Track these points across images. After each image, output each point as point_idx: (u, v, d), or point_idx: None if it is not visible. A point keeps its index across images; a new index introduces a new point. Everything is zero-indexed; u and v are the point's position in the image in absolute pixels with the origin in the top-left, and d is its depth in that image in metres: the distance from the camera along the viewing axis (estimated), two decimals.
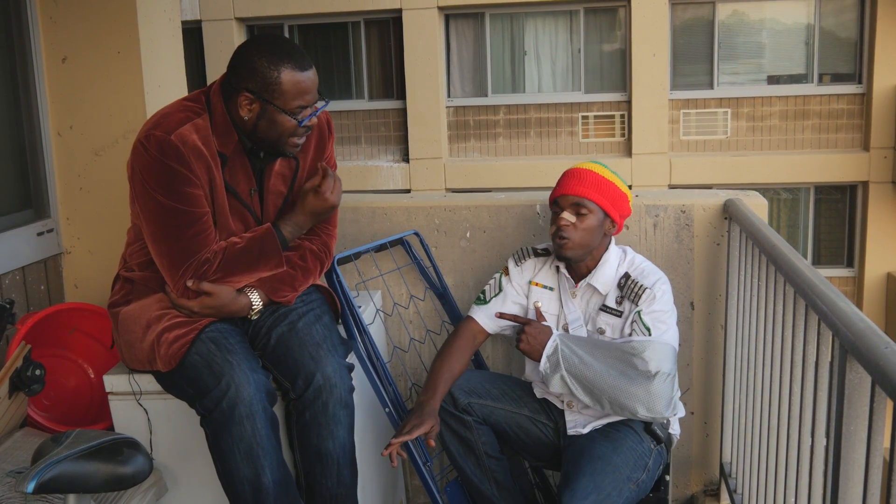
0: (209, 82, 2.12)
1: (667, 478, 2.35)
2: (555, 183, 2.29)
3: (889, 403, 1.26)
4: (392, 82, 11.33)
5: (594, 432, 2.30)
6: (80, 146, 2.91)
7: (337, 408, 2.05)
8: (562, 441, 2.36)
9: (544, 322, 2.31)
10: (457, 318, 2.71)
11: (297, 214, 2.12)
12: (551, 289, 2.37)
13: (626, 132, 10.70)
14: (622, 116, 10.74)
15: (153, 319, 2.03)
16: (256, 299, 2.07)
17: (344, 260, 2.52)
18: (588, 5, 10.73)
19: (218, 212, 2.02)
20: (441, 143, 10.99)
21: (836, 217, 10.62)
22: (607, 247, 2.30)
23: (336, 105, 11.22)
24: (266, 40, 1.97)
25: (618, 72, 10.78)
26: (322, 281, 2.33)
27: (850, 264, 10.48)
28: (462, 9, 10.88)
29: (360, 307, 2.45)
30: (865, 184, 10.13)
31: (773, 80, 10.54)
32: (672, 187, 10.37)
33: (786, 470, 1.86)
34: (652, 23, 10.32)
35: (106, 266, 2.87)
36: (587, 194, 2.21)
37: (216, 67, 11.02)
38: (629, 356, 2.17)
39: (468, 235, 2.76)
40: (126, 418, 2.17)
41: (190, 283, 1.98)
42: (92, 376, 2.69)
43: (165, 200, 1.94)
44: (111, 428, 2.25)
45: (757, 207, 2.55)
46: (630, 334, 2.21)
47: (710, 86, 10.59)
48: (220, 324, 2.04)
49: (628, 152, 10.64)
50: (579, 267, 2.30)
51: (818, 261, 10.60)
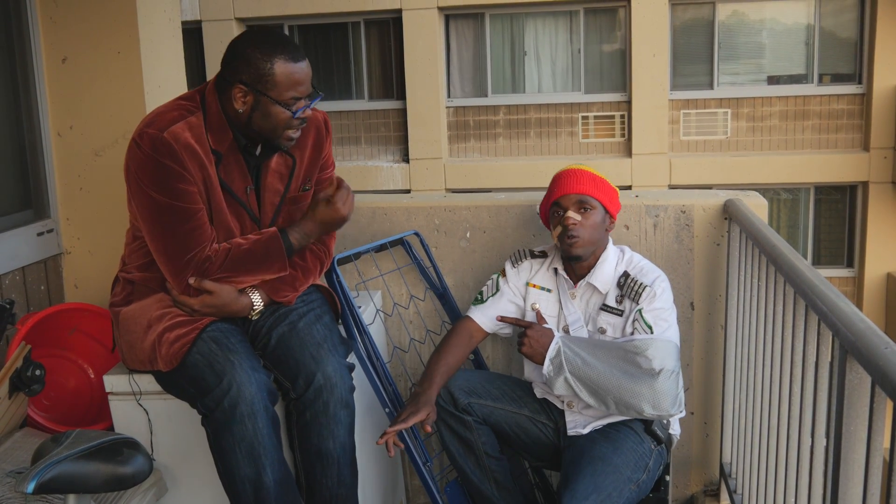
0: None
1: (667, 478, 2.35)
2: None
3: (889, 403, 1.27)
4: (392, 82, 11.33)
5: (594, 433, 2.30)
6: (80, 146, 2.91)
7: (337, 407, 2.06)
8: (562, 441, 2.35)
9: (545, 325, 2.31)
10: (456, 319, 2.71)
11: (307, 223, 2.13)
12: (549, 290, 2.37)
13: (626, 132, 10.70)
14: (622, 117, 10.74)
15: (154, 319, 2.03)
16: (257, 299, 2.07)
17: (344, 260, 2.52)
18: (588, 5, 10.73)
19: (214, 209, 2.02)
20: (441, 144, 10.99)
21: (836, 217, 10.61)
22: (605, 245, 2.31)
23: (336, 105, 11.23)
24: (258, 33, 1.98)
25: (618, 72, 10.78)
26: (322, 281, 2.33)
27: (850, 264, 10.48)
28: (462, 9, 10.88)
29: (360, 307, 2.45)
30: (865, 184, 10.13)
31: (773, 81, 10.54)
32: (672, 187, 10.37)
33: (786, 470, 1.86)
34: (652, 23, 10.32)
35: (106, 266, 2.87)
36: (588, 191, 2.24)
37: (216, 68, 10.86)
38: (632, 355, 2.17)
39: (468, 236, 2.76)
40: (126, 418, 2.17)
41: (192, 281, 1.98)
42: (92, 376, 2.69)
43: (159, 197, 1.94)
44: (111, 428, 2.25)
45: (757, 208, 2.55)
46: (632, 333, 2.21)
47: (710, 86, 10.58)
48: (221, 323, 2.04)
49: (628, 152, 10.64)
50: (579, 267, 2.31)
51: (818, 261, 10.59)
